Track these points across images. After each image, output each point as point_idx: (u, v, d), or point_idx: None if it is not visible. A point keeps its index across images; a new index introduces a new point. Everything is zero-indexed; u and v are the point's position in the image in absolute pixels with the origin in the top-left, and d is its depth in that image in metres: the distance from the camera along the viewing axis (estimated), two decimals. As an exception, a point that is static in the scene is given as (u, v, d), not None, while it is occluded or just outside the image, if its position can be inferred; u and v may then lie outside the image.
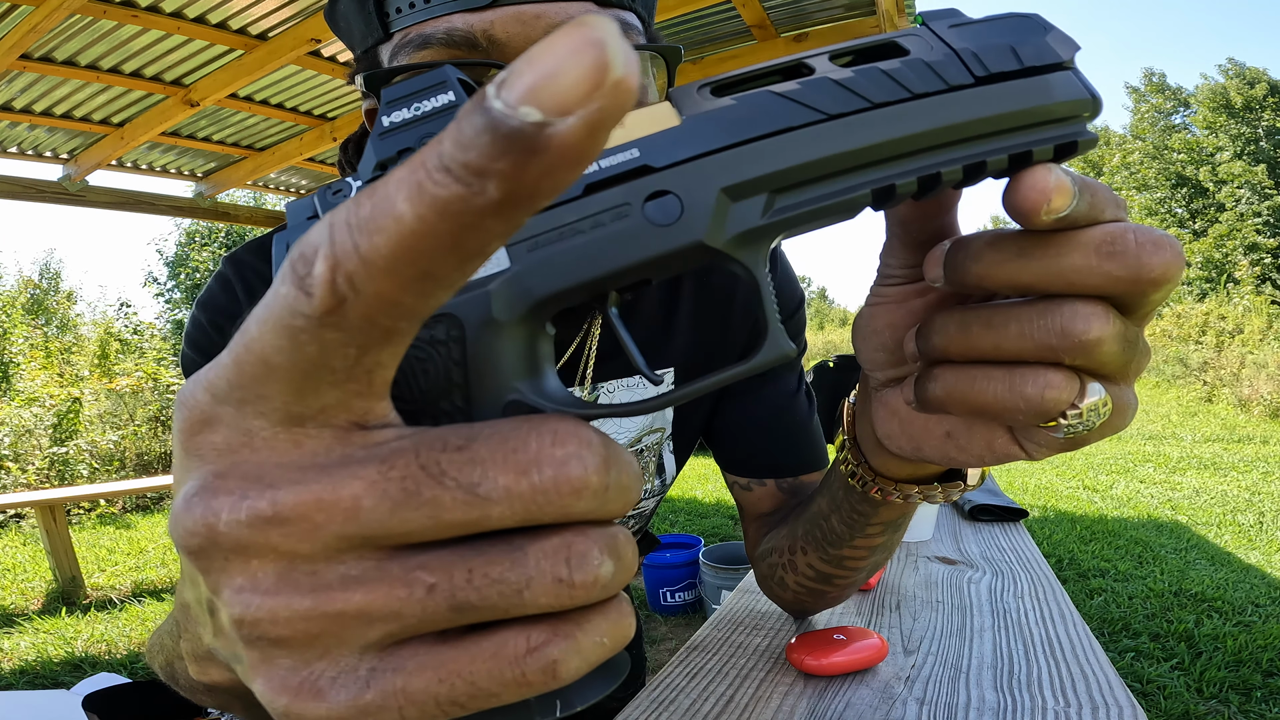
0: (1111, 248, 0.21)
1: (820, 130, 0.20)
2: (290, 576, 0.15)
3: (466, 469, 0.15)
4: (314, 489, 0.15)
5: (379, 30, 0.39)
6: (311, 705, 0.15)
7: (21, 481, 5.58)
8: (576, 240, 0.20)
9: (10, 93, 2.79)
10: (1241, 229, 17.85)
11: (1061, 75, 0.21)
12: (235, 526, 0.15)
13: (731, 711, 0.52)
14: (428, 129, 0.20)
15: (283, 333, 0.13)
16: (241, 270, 0.49)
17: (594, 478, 0.15)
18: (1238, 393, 9.37)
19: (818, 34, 2.67)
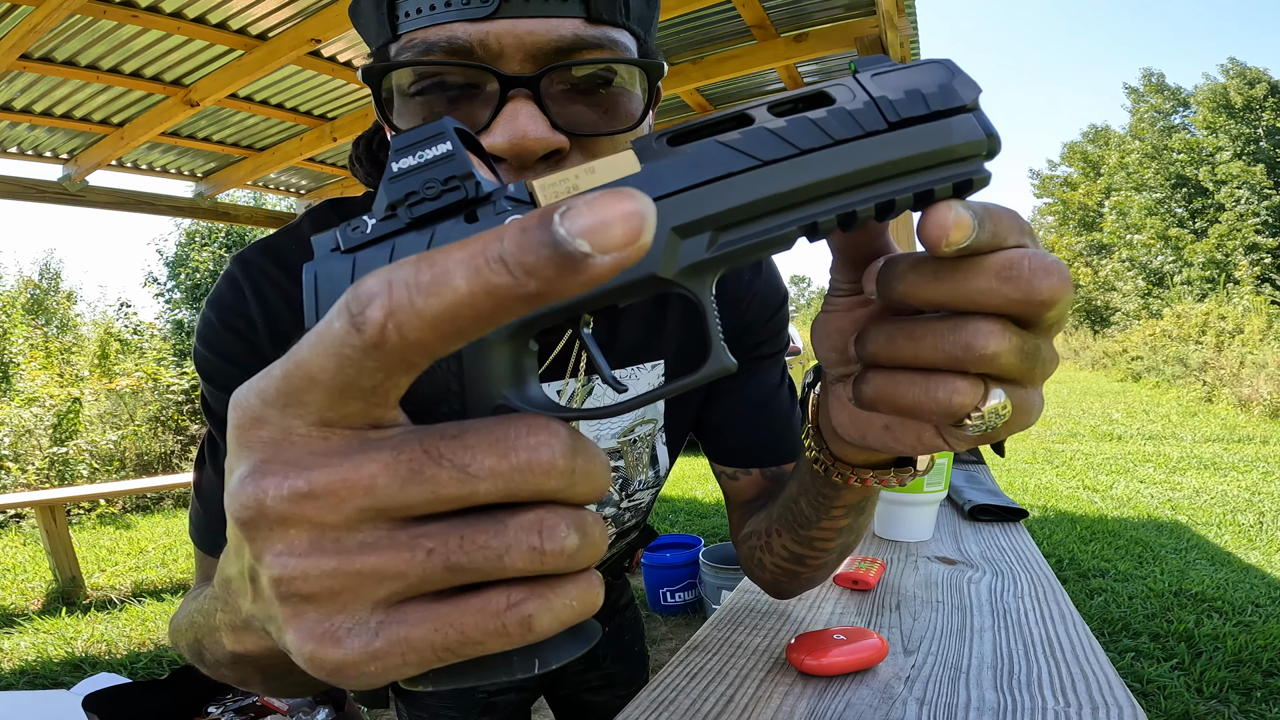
0: (1009, 273, 0.24)
1: (755, 175, 0.23)
2: (319, 543, 0.19)
3: (460, 452, 0.18)
4: (340, 470, 0.18)
5: (389, 31, 0.42)
6: (331, 651, 0.19)
7: (21, 481, 5.58)
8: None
9: (10, 93, 2.79)
10: (1241, 229, 17.85)
11: (963, 118, 0.24)
12: (279, 501, 0.19)
13: (731, 711, 0.52)
14: (430, 175, 0.24)
15: (331, 357, 0.17)
16: (248, 270, 0.51)
17: (561, 460, 0.19)
18: (1238, 393, 9.37)
19: (818, 34, 2.67)
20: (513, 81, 0.39)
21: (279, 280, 0.51)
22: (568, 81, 0.41)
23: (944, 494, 0.93)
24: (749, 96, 3.47)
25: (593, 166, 0.23)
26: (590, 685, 0.91)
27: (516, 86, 0.39)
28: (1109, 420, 8.83)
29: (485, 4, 0.38)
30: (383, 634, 0.19)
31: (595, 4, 0.40)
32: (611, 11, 0.41)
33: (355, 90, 3.07)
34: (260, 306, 0.50)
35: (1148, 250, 20.59)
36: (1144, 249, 20.74)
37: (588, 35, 0.40)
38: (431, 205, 0.23)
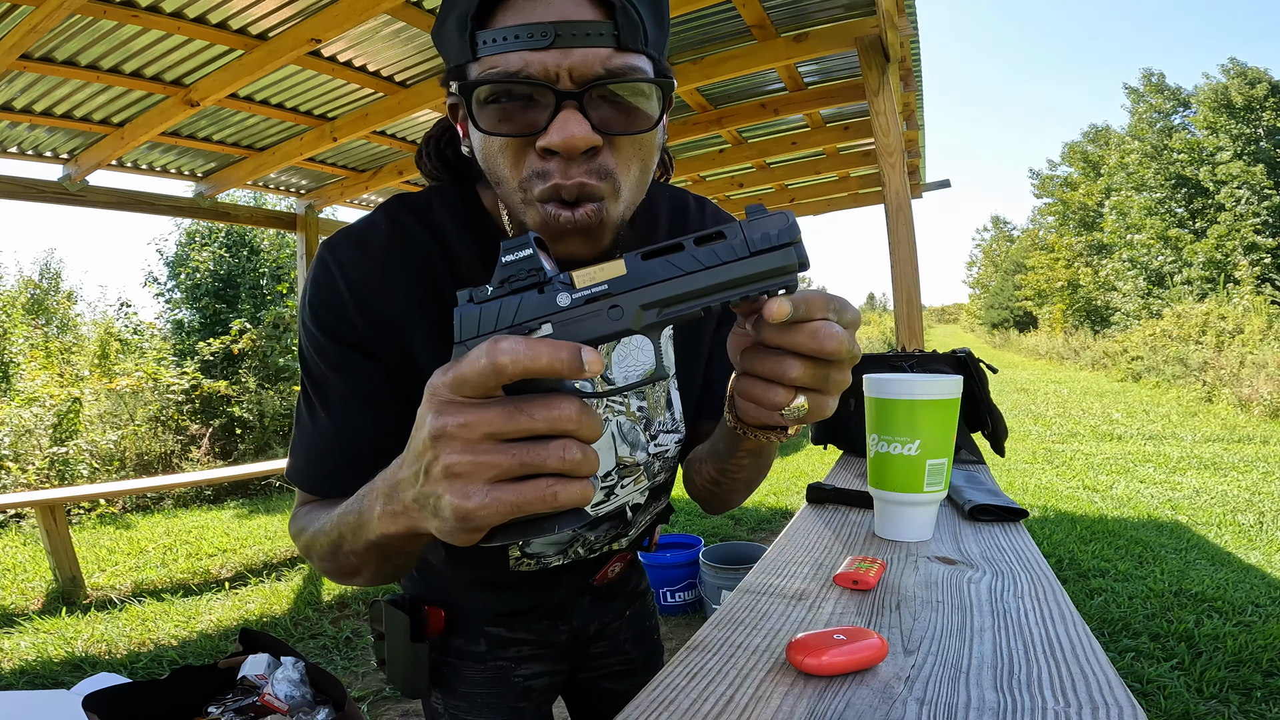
0: (811, 336, 0.44)
1: (680, 279, 0.42)
2: (467, 448, 0.38)
3: (530, 409, 0.38)
4: (476, 414, 0.38)
5: (469, 54, 0.55)
6: (465, 503, 0.38)
7: (21, 481, 5.58)
8: (578, 324, 0.42)
9: (10, 93, 2.79)
10: (1241, 229, 17.84)
11: (789, 249, 0.42)
12: (451, 428, 0.38)
13: (731, 711, 0.52)
14: (521, 266, 0.43)
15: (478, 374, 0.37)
16: (336, 254, 0.64)
17: (575, 416, 0.38)
18: (1238, 393, 9.37)
19: (818, 34, 2.67)
20: (564, 95, 0.53)
21: (360, 263, 0.64)
22: (603, 96, 0.55)
23: (944, 494, 0.93)
24: (749, 96, 3.47)
25: (604, 267, 0.42)
26: (613, 670, 0.96)
27: (567, 99, 0.53)
28: (1109, 420, 8.84)
29: (544, 38, 0.52)
30: (490, 495, 0.38)
31: (622, 37, 0.54)
32: (634, 41, 0.55)
33: (355, 90, 3.07)
34: (346, 283, 0.63)
35: (1148, 250, 20.59)
36: (1144, 249, 20.73)
37: (616, 63, 0.54)
38: (520, 284, 0.43)
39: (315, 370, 0.65)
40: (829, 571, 0.82)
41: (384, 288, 0.63)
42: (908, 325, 2.51)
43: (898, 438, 0.89)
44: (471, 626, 0.86)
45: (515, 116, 0.54)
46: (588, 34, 0.52)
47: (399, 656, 0.83)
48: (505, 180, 0.57)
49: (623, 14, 0.53)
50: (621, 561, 0.90)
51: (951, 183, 5.12)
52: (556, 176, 0.54)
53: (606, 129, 0.54)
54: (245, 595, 3.58)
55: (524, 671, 0.88)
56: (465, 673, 0.86)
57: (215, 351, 7.91)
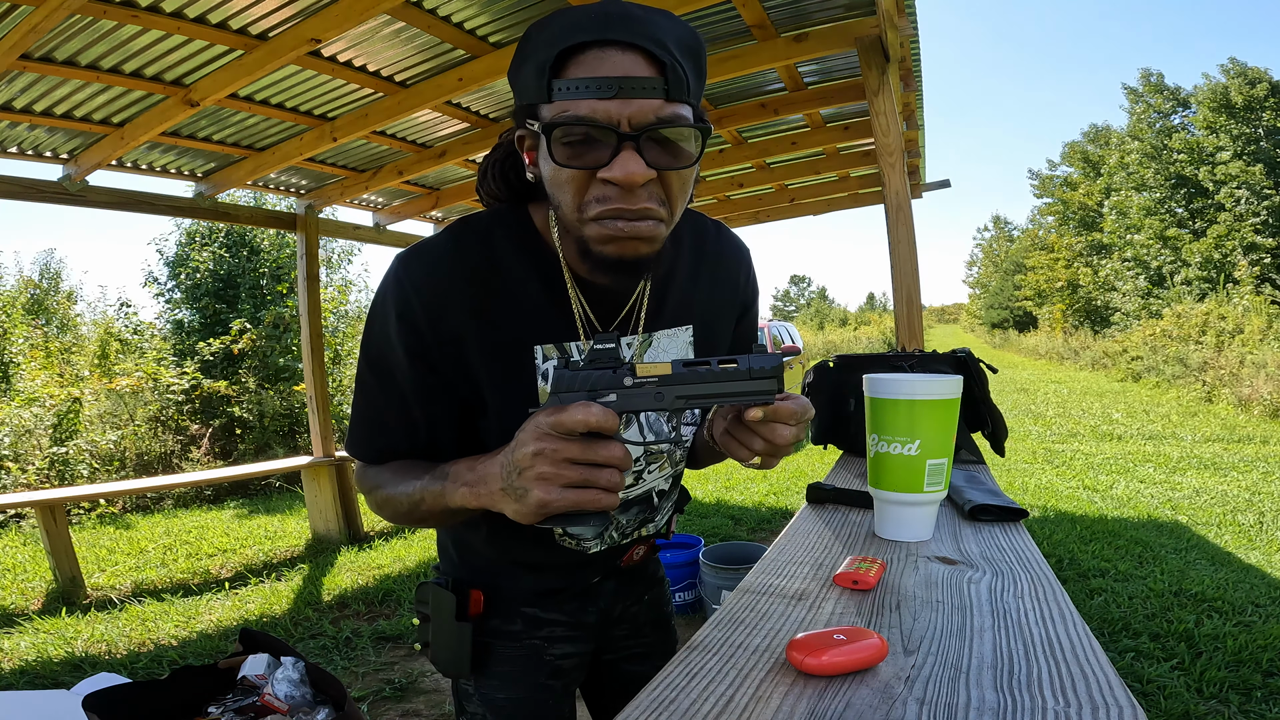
0: (771, 432, 0.66)
1: (703, 385, 0.62)
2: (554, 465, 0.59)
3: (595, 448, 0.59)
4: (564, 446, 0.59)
5: (546, 96, 0.66)
6: (546, 495, 0.59)
7: (21, 481, 5.58)
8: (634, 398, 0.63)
9: (10, 93, 2.79)
10: (1241, 229, 17.83)
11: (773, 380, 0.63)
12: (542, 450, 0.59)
13: (731, 711, 0.52)
14: (606, 353, 0.63)
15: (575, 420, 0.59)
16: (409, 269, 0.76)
17: (618, 455, 0.60)
18: (1238, 393, 9.37)
19: (818, 34, 2.66)
20: (624, 137, 0.65)
21: (425, 273, 0.75)
22: (654, 139, 0.66)
23: (944, 494, 0.93)
24: (749, 96, 3.47)
25: (655, 366, 0.62)
26: (633, 653, 1.04)
27: (627, 140, 0.65)
28: (1109, 420, 8.83)
29: (609, 90, 0.64)
30: (561, 495, 0.58)
31: (671, 92, 0.66)
32: (680, 94, 0.66)
33: (355, 90, 3.07)
34: (414, 291, 0.74)
35: (1147, 250, 20.58)
36: (1143, 249, 20.72)
37: (665, 114, 0.66)
38: (602, 364, 0.62)
39: (381, 363, 0.78)
40: (829, 571, 0.82)
41: (447, 298, 0.75)
42: (908, 325, 2.51)
43: (897, 438, 0.89)
44: (509, 607, 0.92)
45: (583, 153, 0.66)
46: (644, 88, 0.64)
47: (444, 637, 0.89)
48: (566, 203, 0.69)
49: (671, 71, 0.65)
50: (644, 546, 0.98)
51: (951, 183, 5.12)
52: (617, 202, 0.67)
53: (657, 165, 0.66)
54: (245, 595, 3.58)
55: (555, 651, 0.94)
56: (501, 651, 0.92)
57: (215, 351, 7.90)
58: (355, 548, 4.40)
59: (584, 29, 0.65)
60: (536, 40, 0.67)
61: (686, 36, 0.69)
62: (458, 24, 2.57)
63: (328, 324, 8.28)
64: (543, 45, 0.66)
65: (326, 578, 3.83)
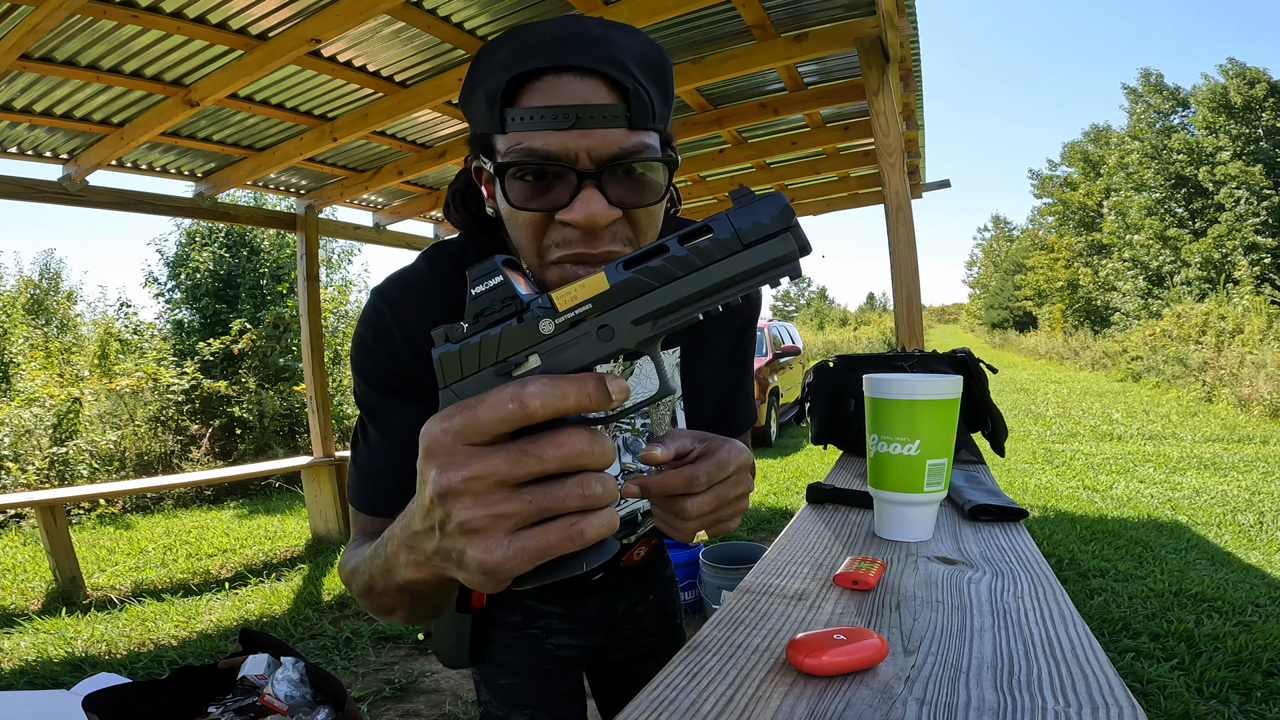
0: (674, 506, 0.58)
1: (672, 285, 0.39)
2: (479, 500, 0.37)
3: (537, 449, 0.36)
4: (482, 465, 0.36)
5: (498, 127, 0.60)
6: (488, 557, 0.37)
7: (21, 481, 5.57)
8: (569, 351, 0.39)
9: (10, 93, 2.79)
10: (1240, 229, 17.83)
11: (785, 234, 0.38)
12: (458, 483, 0.36)
13: (731, 711, 0.52)
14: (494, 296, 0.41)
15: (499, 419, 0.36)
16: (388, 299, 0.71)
17: (588, 449, 0.37)
18: (1238, 393, 9.37)
19: (818, 34, 2.67)
20: (584, 175, 0.59)
21: (407, 303, 0.70)
22: (619, 173, 0.60)
23: (944, 494, 0.93)
24: (749, 96, 3.47)
25: (584, 283, 0.39)
26: (640, 652, 1.04)
27: (587, 178, 0.59)
28: (1109, 420, 8.83)
29: (566, 120, 0.57)
30: (513, 546, 0.37)
31: (634, 119, 0.59)
32: (644, 120, 0.60)
33: (355, 90, 3.07)
34: (397, 323, 0.69)
35: (1147, 250, 20.58)
36: (1143, 249, 20.73)
37: (629, 144, 0.59)
38: (497, 315, 0.41)
39: (370, 401, 0.71)
40: (829, 571, 0.82)
41: (427, 324, 0.69)
42: (908, 325, 2.51)
43: (897, 438, 0.89)
44: (511, 598, 0.94)
45: (540, 193, 0.60)
46: (604, 116, 0.58)
47: (445, 628, 0.91)
48: (524, 247, 0.63)
49: (635, 97, 0.59)
50: (647, 545, 0.97)
51: (951, 183, 5.12)
52: (579, 246, 0.61)
53: (622, 203, 0.61)
54: (245, 595, 3.58)
55: (554, 641, 0.95)
56: (500, 640, 0.94)
57: (215, 351, 7.90)
58: (355, 548, 4.40)
59: (538, 52, 0.59)
60: (489, 63, 0.61)
61: (649, 53, 0.63)
62: (458, 24, 2.57)
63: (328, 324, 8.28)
64: (494, 70, 0.60)
65: (326, 578, 3.83)
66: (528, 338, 0.39)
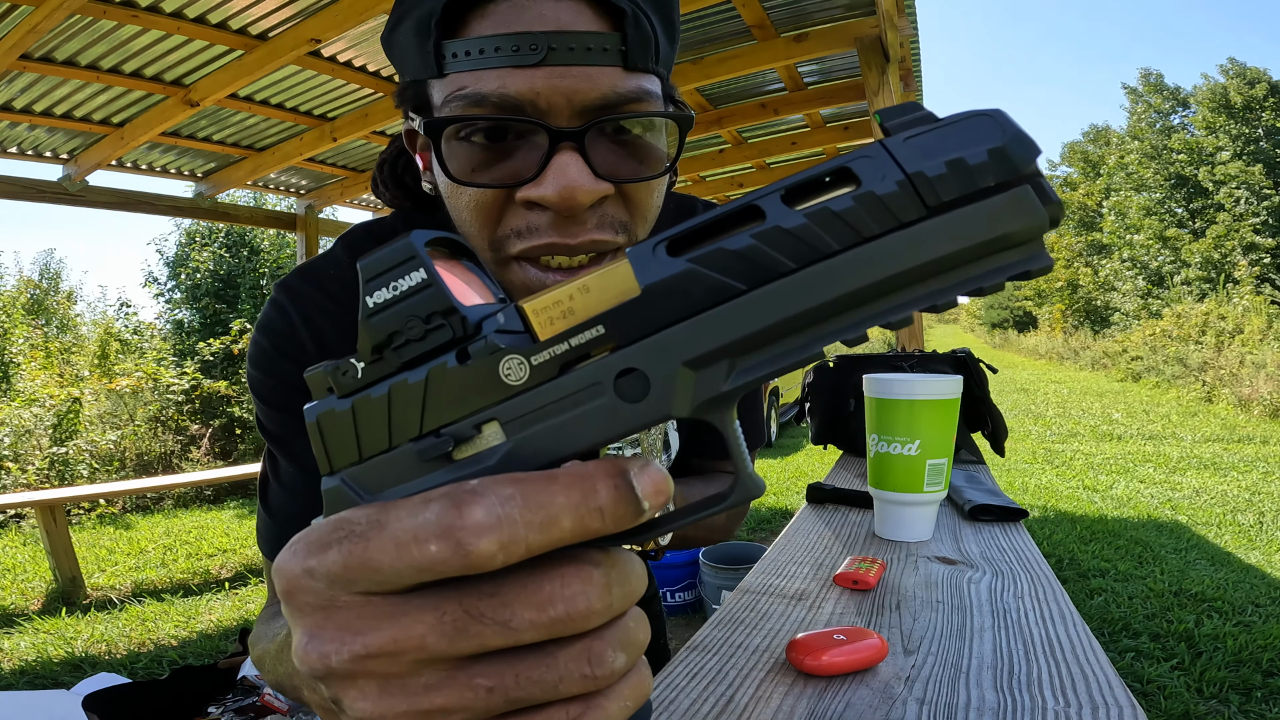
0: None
1: (773, 290, 0.19)
2: (387, 689, 0.20)
3: (499, 610, 0.19)
4: (390, 632, 0.20)
5: (433, 68, 0.43)
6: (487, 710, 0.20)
7: (21, 481, 5.57)
8: (559, 418, 0.21)
9: (10, 93, 2.79)
10: (1240, 229, 17.84)
11: (1019, 191, 0.18)
12: (343, 663, 0.20)
13: (731, 711, 0.52)
14: (409, 310, 0.22)
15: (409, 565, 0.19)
16: (292, 296, 0.55)
17: (597, 604, 0.20)
18: (1238, 393, 9.37)
19: (818, 34, 2.67)
20: (561, 135, 0.41)
21: (322, 303, 0.54)
22: (608, 132, 0.44)
23: (944, 494, 0.93)
24: (749, 96, 3.47)
25: (587, 285, 0.21)
26: None
27: (564, 138, 0.41)
28: (1109, 420, 8.83)
29: (534, 52, 0.40)
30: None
31: (631, 54, 0.42)
32: (644, 59, 0.43)
33: (355, 90, 3.07)
34: (308, 329, 0.53)
35: (1147, 250, 20.60)
36: (1143, 249, 20.74)
37: (626, 89, 0.42)
38: (418, 347, 0.22)
39: (275, 427, 0.54)
40: (829, 571, 0.82)
41: (350, 330, 0.52)
42: (908, 325, 2.51)
43: (898, 438, 0.89)
44: None
45: (494, 160, 0.43)
46: (589, 48, 0.41)
47: None
48: (473, 235, 0.45)
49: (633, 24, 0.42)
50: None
51: (951, 183, 5.12)
52: (549, 234, 0.43)
53: (614, 176, 0.43)
54: (245, 595, 3.58)
55: None
56: None
57: (215, 352, 7.91)
58: (355, 548, 4.40)
59: None
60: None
61: None
62: (458, 24, 2.57)
63: (328, 324, 8.27)
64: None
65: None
66: (478, 390, 0.22)
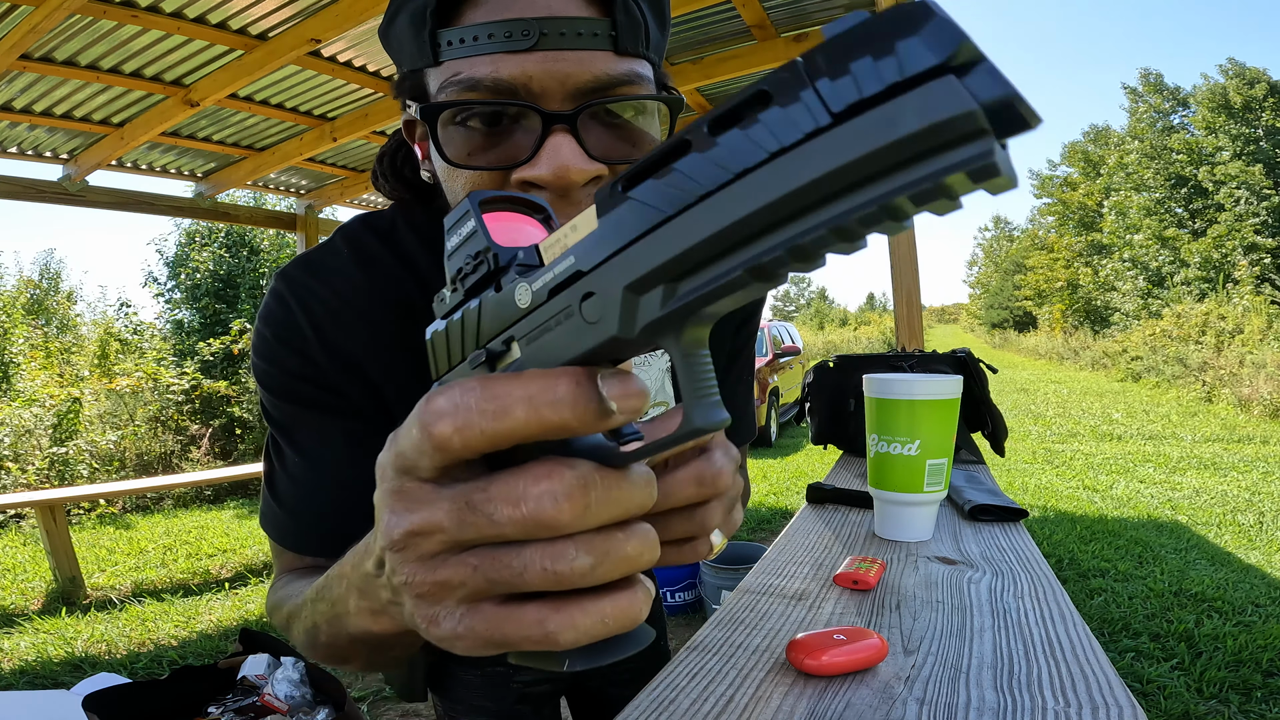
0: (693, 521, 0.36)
1: (693, 213, 0.20)
2: (421, 562, 0.27)
3: (485, 504, 0.24)
4: (420, 515, 0.26)
5: (429, 57, 0.45)
6: (434, 629, 0.27)
7: (21, 481, 5.57)
8: (548, 336, 0.25)
9: (10, 93, 2.79)
10: (1240, 229, 17.85)
11: (934, 86, 0.16)
12: (399, 535, 0.27)
13: (731, 711, 0.52)
14: (467, 250, 0.30)
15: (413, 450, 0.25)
16: (293, 286, 0.56)
17: (565, 505, 0.23)
18: (1238, 393, 9.37)
19: (818, 34, 2.67)
20: (554, 118, 0.43)
21: (321, 293, 0.55)
22: (600, 115, 0.46)
23: (944, 494, 0.93)
24: (749, 96, 3.48)
25: (575, 224, 0.25)
26: (619, 679, 0.94)
27: (556, 121, 0.43)
28: (1109, 420, 8.83)
29: (526, 38, 0.42)
30: (461, 623, 0.27)
31: (621, 39, 0.44)
32: (634, 44, 0.46)
33: (355, 90, 3.07)
34: (308, 319, 0.54)
35: (1146, 250, 20.60)
36: (1143, 249, 20.75)
37: (617, 72, 0.45)
38: (473, 279, 0.29)
39: (279, 414, 0.56)
40: (829, 571, 0.82)
41: (349, 321, 0.54)
42: (908, 325, 2.51)
43: (898, 438, 0.89)
44: None
45: (490, 144, 0.45)
46: (579, 33, 0.43)
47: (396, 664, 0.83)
48: None
49: (623, 10, 0.44)
50: None
51: (951, 183, 5.12)
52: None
53: (607, 157, 0.45)
54: (245, 595, 3.58)
55: (522, 679, 0.85)
56: (460, 675, 0.84)
57: (215, 351, 7.91)
58: (355, 548, 4.40)
59: None
60: None
61: None
62: (458, 24, 2.57)
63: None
64: None
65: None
66: (505, 313, 0.27)
